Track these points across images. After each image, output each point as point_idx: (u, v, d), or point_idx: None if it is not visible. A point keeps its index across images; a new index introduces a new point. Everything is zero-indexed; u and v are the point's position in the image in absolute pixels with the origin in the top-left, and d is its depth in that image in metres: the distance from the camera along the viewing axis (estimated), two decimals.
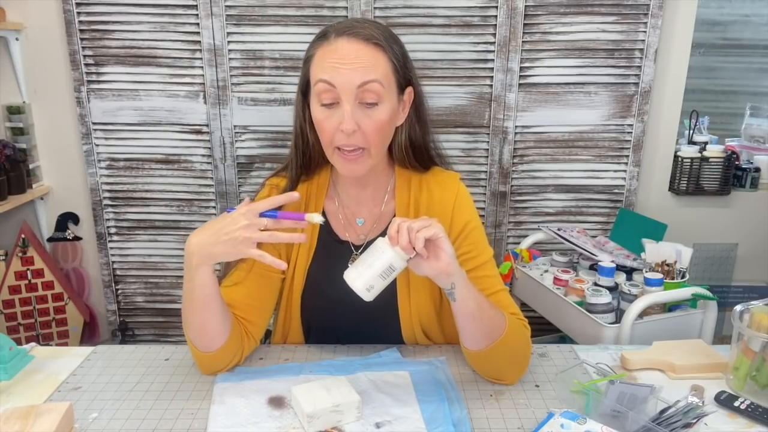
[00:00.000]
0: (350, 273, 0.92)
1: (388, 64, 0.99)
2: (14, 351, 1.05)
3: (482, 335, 0.97)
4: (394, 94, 1.01)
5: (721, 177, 2.32)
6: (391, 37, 1.01)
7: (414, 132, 1.09)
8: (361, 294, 0.91)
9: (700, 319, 1.65)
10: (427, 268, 0.91)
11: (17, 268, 2.21)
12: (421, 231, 0.87)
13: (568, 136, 2.24)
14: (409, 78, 1.05)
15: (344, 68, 0.95)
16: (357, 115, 0.97)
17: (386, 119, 0.99)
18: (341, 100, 0.97)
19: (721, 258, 2.43)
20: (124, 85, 2.19)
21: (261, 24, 2.13)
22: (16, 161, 2.14)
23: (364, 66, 0.95)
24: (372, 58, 0.97)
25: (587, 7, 2.11)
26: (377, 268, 0.90)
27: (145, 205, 2.31)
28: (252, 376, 1.03)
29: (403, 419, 0.91)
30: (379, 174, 1.12)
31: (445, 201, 1.11)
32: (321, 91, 0.98)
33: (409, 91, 1.06)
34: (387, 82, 0.98)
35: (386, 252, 0.90)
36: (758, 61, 2.64)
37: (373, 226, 1.14)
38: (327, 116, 0.98)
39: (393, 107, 1.01)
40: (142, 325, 2.43)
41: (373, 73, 0.96)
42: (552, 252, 2.01)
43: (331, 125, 0.98)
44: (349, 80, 0.95)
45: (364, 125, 0.97)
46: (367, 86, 0.96)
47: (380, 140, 1.01)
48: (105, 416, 0.93)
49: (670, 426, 0.89)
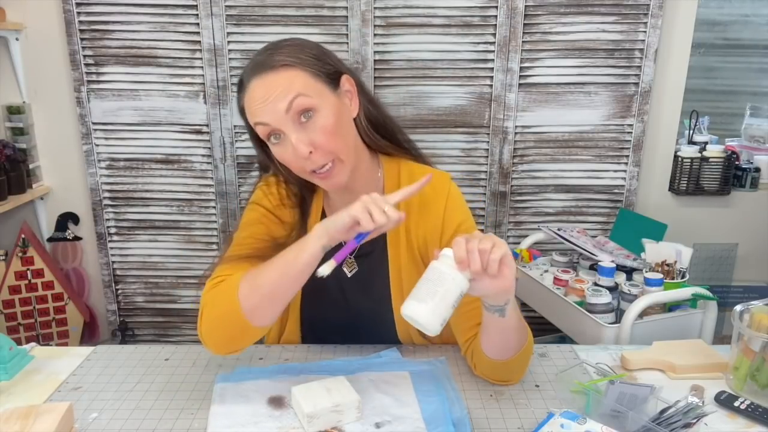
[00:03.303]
0: (415, 308, 0.82)
1: (304, 74, 0.97)
2: (14, 351, 1.05)
3: (512, 346, 0.97)
4: (327, 95, 0.99)
5: (721, 177, 2.32)
6: (296, 48, 1.00)
7: (369, 111, 1.09)
8: (431, 330, 0.82)
9: (700, 319, 1.65)
10: (489, 288, 0.85)
11: (17, 268, 2.21)
12: (494, 252, 0.82)
13: (568, 136, 2.24)
14: (337, 70, 1.03)
15: (266, 105, 0.96)
16: (302, 137, 0.96)
17: (332, 122, 0.98)
18: (283, 132, 0.97)
19: (721, 258, 2.43)
20: (124, 85, 2.19)
21: (261, 24, 2.13)
22: (16, 161, 2.14)
23: (279, 92, 0.95)
24: (284, 81, 0.96)
25: (587, 7, 2.11)
26: (449, 299, 0.82)
27: (145, 205, 2.31)
28: (252, 376, 1.03)
29: (403, 419, 0.91)
30: (365, 177, 1.11)
31: (437, 201, 1.10)
32: (263, 133, 0.99)
33: (346, 79, 1.04)
34: (311, 89, 0.97)
35: (456, 278, 0.82)
36: (758, 61, 2.64)
37: None
38: (283, 150, 0.99)
39: (333, 106, 0.99)
40: (142, 325, 2.43)
41: (291, 91, 0.95)
42: (552, 252, 2.01)
43: (291, 156, 0.98)
44: (274, 111, 0.95)
45: (315, 140, 0.96)
46: (293, 106, 0.95)
47: (340, 143, 0.99)
48: (105, 416, 0.94)
49: (670, 426, 0.89)
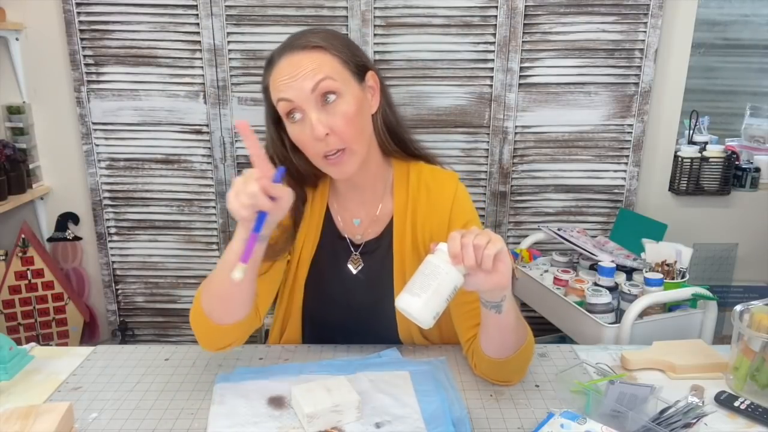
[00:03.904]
0: (409, 301, 0.82)
1: (333, 59, 0.99)
2: (14, 351, 1.05)
3: (512, 344, 0.97)
4: (353, 84, 1.01)
5: (721, 177, 2.32)
6: (330, 35, 1.02)
7: (387, 116, 1.10)
8: (424, 323, 0.82)
9: (700, 319, 1.65)
10: (484, 283, 0.86)
11: (17, 268, 2.22)
12: (489, 248, 0.82)
13: (568, 136, 2.24)
14: (364, 64, 1.05)
15: (293, 81, 0.97)
16: (323, 118, 0.98)
17: (353, 110, 0.99)
18: (305, 111, 0.98)
19: (721, 258, 2.43)
20: (124, 85, 2.19)
21: (261, 24, 2.13)
22: (16, 161, 2.14)
23: (308, 71, 0.97)
24: (314, 61, 0.98)
25: (587, 7, 2.11)
26: (443, 293, 0.82)
27: (145, 205, 2.31)
28: (252, 376, 1.03)
29: (403, 419, 0.91)
30: (375, 175, 1.12)
31: (443, 201, 1.11)
32: (284, 109, 1.00)
33: (371, 75, 1.05)
34: (338, 75, 0.99)
35: (450, 273, 0.83)
36: (758, 61, 2.64)
37: (369, 227, 1.15)
38: (301, 130, 1.00)
39: (356, 96, 1.01)
40: (142, 325, 2.43)
41: (319, 73, 0.97)
42: (552, 252, 2.01)
43: (307, 137, 0.99)
44: (300, 89, 0.97)
45: (334, 123, 0.98)
46: (319, 87, 0.97)
47: (355, 133, 1.00)
48: (105, 416, 0.93)
49: (670, 426, 0.89)
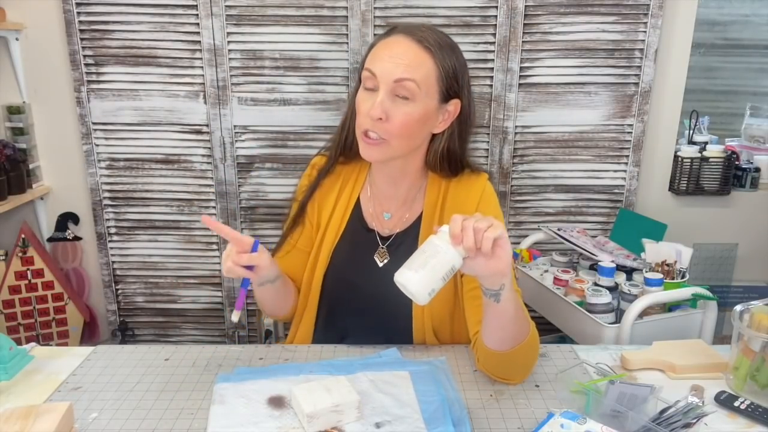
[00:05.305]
0: (408, 275, 0.84)
1: (434, 69, 1.02)
2: (14, 351, 1.05)
3: (511, 337, 0.97)
4: (432, 100, 1.04)
5: (721, 177, 2.32)
6: (448, 47, 1.05)
7: (453, 144, 1.11)
8: (419, 299, 0.84)
9: (700, 319, 1.65)
10: (483, 268, 0.86)
11: (17, 268, 2.21)
12: (489, 231, 0.83)
13: (568, 136, 2.24)
14: (457, 91, 1.07)
15: (388, 61, 1.01)
16: (387, 105, 1.01)
17: (415, 117, 1.02)
18: (378, 88, 1.02)
19: (721, 258, 2.43)
20: (124, 85, 2.19)
21: (261, 24, 2.13)
22: (16, 161, 2.14)
23: (406, 63, 1.00)
24: (417, 59, 1.01)
25: (587, 7, 2.11)
26: (439, 270, 0.83)
27: (145, 205, 2.31)
28: (252, 376, 1.03)
29: (403, 419, 0.91)
30: (412, 177, 1.15)
31: (472, 196, 1.13)
32: (365, 77, 1.04)
33: (455, 103, 1.07)
34: (426, 85, 1.02)
35: (448, 252, 0.83)
36: (758, 61, 2.64)
37: (398, 223, 1.17)
38: (364, 99, 1.04)
39: (427, 110, 1.03)
40: (142, 325, 2.43)
41: (412, 72, 1.00)
42: (552, 252, 2.01)
43: (365, 107, 1.03)
44: (388, 72, 1.01)
45: (392, 115, 1.01)
46: (403, 83, 1.00)
47: (403, 134, 1.03)
48: (105, 416, 0.93)
49: (670, 426, 0.89)
